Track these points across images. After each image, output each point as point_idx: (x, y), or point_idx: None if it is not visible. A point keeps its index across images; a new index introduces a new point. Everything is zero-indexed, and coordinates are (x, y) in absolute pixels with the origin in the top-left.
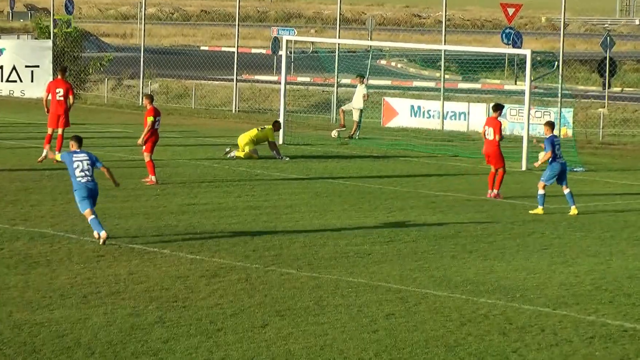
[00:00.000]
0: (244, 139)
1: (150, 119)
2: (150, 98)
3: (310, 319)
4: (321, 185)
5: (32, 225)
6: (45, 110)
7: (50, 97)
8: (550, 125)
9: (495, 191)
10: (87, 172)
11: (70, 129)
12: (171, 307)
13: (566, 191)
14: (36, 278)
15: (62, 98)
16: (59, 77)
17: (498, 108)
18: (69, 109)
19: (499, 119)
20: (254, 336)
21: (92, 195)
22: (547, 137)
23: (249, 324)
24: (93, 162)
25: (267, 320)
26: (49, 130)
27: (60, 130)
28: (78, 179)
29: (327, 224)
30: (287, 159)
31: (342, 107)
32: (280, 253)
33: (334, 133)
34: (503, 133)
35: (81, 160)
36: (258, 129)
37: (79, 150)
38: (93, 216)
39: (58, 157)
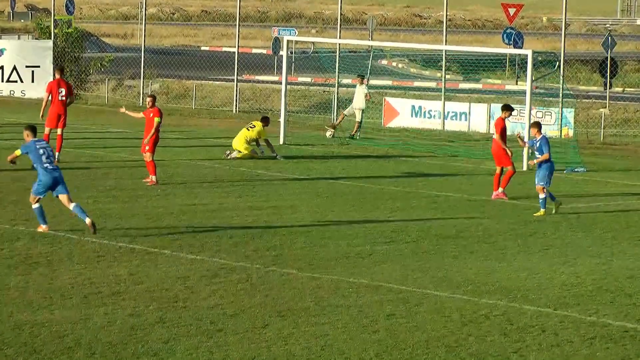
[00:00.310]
0: (239, 141)
1: (157, 120)
2: (155, 98)
3: (310, 319)
4: (322, 185)
5: (32, 225)
6: (42, 112)
7: (50, 97)
8: (539, 126)
9: (500, 190)
10: (52, 159)
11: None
12: (172, 307)
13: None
14: (37, 278)
15: (64, 98)
16: (59, 76)
17: (505, 109)
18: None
19: (507, 119)
20: (254, 337)
21: (57, 183)
22: (539, 137)
23: (250, 325)
24: (52, 150)
25: (267, 321)
26: (47, 130)
27: (59, 130)
28: (45, 166)
29: (328, 224)
30: (282, 158)
31: (344, 111)
32: (281, 253)
33: (329, 133)
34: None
35: (44, 148)
36: (247, 128)
37: (38, 139)
38: (38, 205)
39: (18, 152)
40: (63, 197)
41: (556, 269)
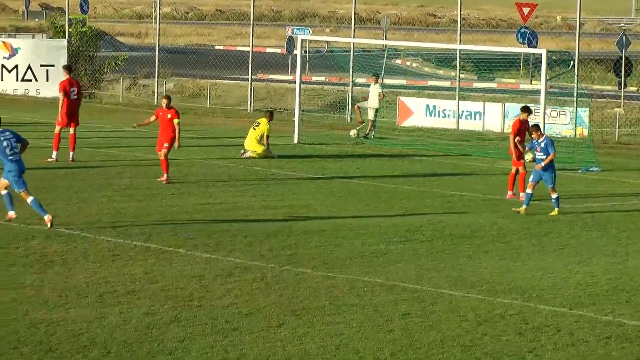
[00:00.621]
0: (250, 142)
1: (177, 121)
2: (170, 99)
3: (325, 318)
4: (336, 184)
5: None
6: (60, 112)
7: (64, 96)
8: (539, 128)
9: (521, 193)
10: (16, 150)
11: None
12: (187, 306)
13: (531, 191)
14: (52, 277)
15: (76, 97)
16: (69, 76)
17: (523, 110)
18: None
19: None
20: (269, 336)
21: (22, 174)
22: (542, 139)
23: (265, 324)
24: (18, 139)
25: (282, 320)
26: (57, 129)
27: (72, 130)
28: (10, 158)
29: (343, 223)
30: (276, 156)
31: (357, 104)
32: (296, 252)
33: (353, 132)
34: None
35: (9, 139)
36: (253, 128)
37: (1, 130)
38: (32, 197)
39: None
40: (4, 183)
41: (571, 268)
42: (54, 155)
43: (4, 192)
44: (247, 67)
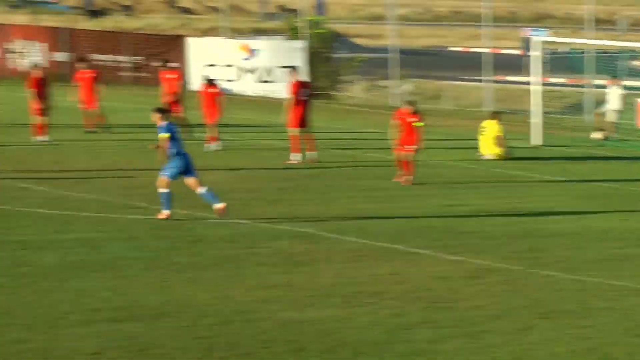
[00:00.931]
0: (486, 147)
1: (420, 124)
2: (413, 104)
3: (574, 322)
4: (580, 187)
5: (293, 224)
6: (287, 114)
7: (294, 98)
8: None
9: None
10: (182, 142)
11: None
12: (434, 308)
13: None
14: (299, 277)
15: (306, 98)
16: (298, 77)
17: None
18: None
19: None
20: (518, 339)
21: (189, 167)
22: None
23: (513, 327)
24: None
25: (530, 323)
26: (293, 131)
27: (305, 131)
28: (180, 150)
29: (588, 226)
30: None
31: (596, 110)
32: (541, 255)
33: (597, 135)
34: None
35: (177, 132)
36: (481, 134)
37: (170, 122)
38: (168, 190)
39: (167, 135)
40: (191, 181)
41: None
42: (296, 157)
43: (165, 190)
44: (483, 69)
